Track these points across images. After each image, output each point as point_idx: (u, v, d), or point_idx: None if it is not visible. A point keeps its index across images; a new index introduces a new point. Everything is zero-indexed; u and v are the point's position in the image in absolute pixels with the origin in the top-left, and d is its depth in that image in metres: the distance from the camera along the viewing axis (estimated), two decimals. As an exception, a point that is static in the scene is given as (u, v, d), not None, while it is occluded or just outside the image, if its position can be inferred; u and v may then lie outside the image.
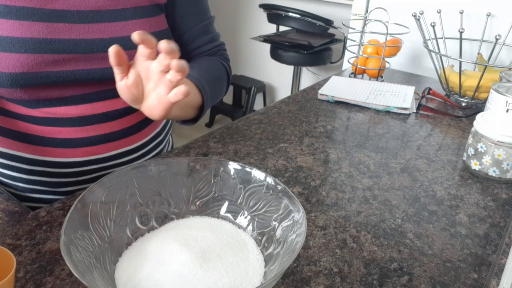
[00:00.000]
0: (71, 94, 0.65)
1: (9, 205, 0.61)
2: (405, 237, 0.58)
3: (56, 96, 0.64)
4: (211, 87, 0.73)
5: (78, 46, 0.62)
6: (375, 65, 1.19)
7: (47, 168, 0.69)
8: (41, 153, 0.68)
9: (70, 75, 0.62)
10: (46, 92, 0.63)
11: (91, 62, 0.64)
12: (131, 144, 0.74)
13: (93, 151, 0.70)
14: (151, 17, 0.69)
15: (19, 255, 0.50)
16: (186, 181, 0.56)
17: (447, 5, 1.22)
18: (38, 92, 0.62)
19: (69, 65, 0.62)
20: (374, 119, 0.96)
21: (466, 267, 0.53)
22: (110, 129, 0.70)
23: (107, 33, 0.64)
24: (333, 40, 2.42)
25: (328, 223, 0.60)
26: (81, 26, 0.62)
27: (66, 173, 0.70)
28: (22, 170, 0.69)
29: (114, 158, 0.73)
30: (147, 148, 0.79)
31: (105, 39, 0.64)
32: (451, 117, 0.99)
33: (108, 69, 0.65)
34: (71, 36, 0.61)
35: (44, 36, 0.59)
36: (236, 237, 0.52)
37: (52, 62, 0.60)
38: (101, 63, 0.64)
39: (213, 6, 3.11)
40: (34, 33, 0.59)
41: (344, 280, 0.50)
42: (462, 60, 1.01)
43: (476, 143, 0.73)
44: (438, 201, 0.67)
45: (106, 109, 0.69)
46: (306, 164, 0.75)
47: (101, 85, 0.66)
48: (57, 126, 0.67)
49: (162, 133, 0.84)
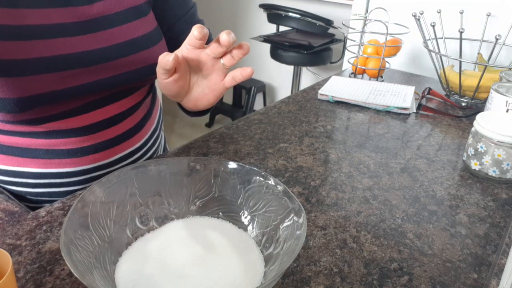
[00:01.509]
0: (75, 106, 0.64)
1: (9, 205, 0.61)
2: (405, 237, 0.58)
3: (60, 111, 0.62)
4: None
5: (79, 60, 0.60)
6: (375, 65, 1.19)
7: (55, 180, 0.68)
8: (47, 166, 0.66)
9: (75, 91, 0.61)
10: (51, 109, 0.61)
11: (95, 73, 0.62)
12: (135, 144, 0.74)
13: (100, 157, 0.69)
14: (144, 16, 0.68)
15: (19, 255, 0.50)
16: (186, 181, 0.56)
17: (447, 5, 1.22)
18: (43, 111, 0.60)
19: (73, 81, 0.60)
20: (374, 119, 0.96)
21: (466, 267, 0.53)
22: (115, 133, 0.70)
23: (106, 42, 0.63)
24: (333, 40, 2.42)
25: (328, 223, 0.60)
26: (78, 39, 0.60)
27: (74, 181, 0.69)
28: (28, 185, 0.67)
29: (121, 161, 0.73)
30: (148, 145, 0.79)
31: (105, 48, 0.62)
32: (451, 117, 1.00)
33: (112, 77, 0.64)
34: (72, 51, 0.60)
35: (44, 54, 0.57)
36: (236, 237, 0.52)
37: (57, 80, 0.58)
38: (105, 73, 0.63)
39: (213, 6, 3.12)
40: (34, 52, 0.56)
41: (344, 280, 0.50)
42: (462, 60, 1.01)
43: (476, 143, 0.73)
44: (438, 201, 0.67)
45: (109, 114, 0.68)
46: (306, 164, 0.75)
47: (102, 93, 0.66)
48: (63, 138, 0.65)
49: (158, 128, 0.84)
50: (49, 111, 0.61)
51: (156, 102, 0.85)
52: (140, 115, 0.75)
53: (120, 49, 0.64)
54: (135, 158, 0.76)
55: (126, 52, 0.64)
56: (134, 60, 0.66)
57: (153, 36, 0.69)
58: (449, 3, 1.22)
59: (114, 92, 0.68)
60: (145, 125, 0.77)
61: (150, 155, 0.80)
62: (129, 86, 0.69)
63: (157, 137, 0.84)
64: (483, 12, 1.18)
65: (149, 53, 0.68)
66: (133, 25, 0.66)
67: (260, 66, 3.11)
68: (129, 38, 0.65)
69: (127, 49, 0.65)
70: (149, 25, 0.69)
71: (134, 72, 0.66)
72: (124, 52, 0.64)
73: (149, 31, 0.68)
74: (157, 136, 0.84)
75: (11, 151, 0.65)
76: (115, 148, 0.71)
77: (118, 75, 0.65)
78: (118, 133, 0.71)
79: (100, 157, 0.69)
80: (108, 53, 0.63)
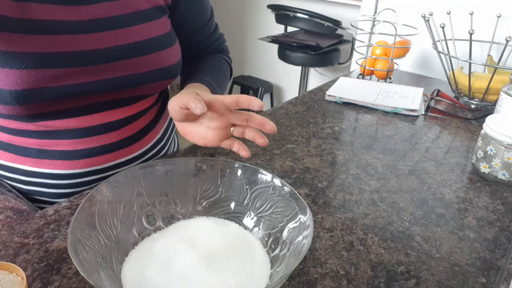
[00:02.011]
0: (70, 106, 0.63)
1: (17, 203, 0.62)
2: (413, 240, 0.57)
3: (55, 109, 0.62)
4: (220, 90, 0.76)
5: (79, 58, 0.60)
6: (383, 66, 1.18)
7: (46, 180, 0.67)
8: (39, 165, 0.66)
9: (71, 89, 0.60)
10: (46, 107, 0.60)
11: (92, 74, 0.61)
12: (130, 154, 0.73)
13: (92, 162, 0.68)
14: (151, 21, 0.67)
15: (27, 254, 0.51)
16: (193, 181, 0.56)
17: (456, 6, 1.21)
18: (38, 108, 0.60)
19: (71, 79, 0.59)
20: (382, 120, 0.96)
21: (474, 271, 0.53)
22: (109, 140, 0.68)
23: (108, 42, 0.62)
24: (341, 41, 2.41)
25: (335, 225, 0.60)
26: (81, 37, 0.60)
27: (64, 184, 0.68)
28: (21, 182, 0.68)
29: (113, 168, 0.71)
30: (148, 156, 0.77)
31: (105, 49, 0.62)
32: (460, 119, 0.99)
33: (110, 80, 0.63)
34: (72, 49, 0.59)
35: (44, 50, 0.57)
36: (242, 238, 0.52)
37: (53, 77, 0.58)
38: (102, 75, 0.62)
39: (221, 6, 3.12)
40: (34, 47, 0.56)
41: (351, 282, 0.50)
42: (471, 62, 1.00)
43: (485, 146, 0.72)
44: (447, 204, 0.66)
45: (105, 120, 0.67)
46: (313, 166, 0.74)
47: (100, 96, 0.64)
48: (55, 138, 0.65)
49: (164, 138, 0.82)
50: (43, 108, 0.61)
51: (164, 115, 0.83)
52: (138, 127, 0.73)
53: (121, 51, 0.63)
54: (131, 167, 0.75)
55: (126, 55, 0.64)
56: (134, 63, 0.65)
57: (160, 41, 0.68)
58: (459, 4, 1.21)
59: (113, 99, 0.67)
60: (144, 137, 0.75)
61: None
62: (128, 93, 0.68)
63: (162, 148, 0.81)
64: (493, 14, 1.17)
65: (152, 58, 0.67)
66: (137, 29, 0.65)
67: (267, 66, 3.10)
68: (132, 41, 0.64)
69: (128, 52, 0.64)
70: (156, 31, 0.68)
71: (133, 76, 0.65)
72: (124, 55, 0.64)
73: (155, 36, 0.67)
74: (162, 147, 0.81)
75: (3, 147, 0.66)
76: (108, 155, 0.69)
77: (117, 77, 0.64)
78: (112, 140, 0.69)
79: (92, 162, 0.68)
80: (108, 54, 0.62)
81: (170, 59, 0.69)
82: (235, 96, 0.56)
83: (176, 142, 0.92)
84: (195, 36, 0.81)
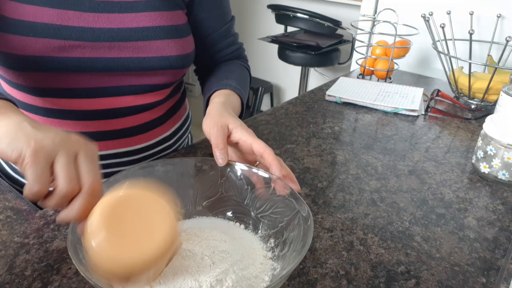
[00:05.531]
0: (75, 86, 0.65)
1: (18, 203, 0.62)
2: (413, 240, 0.57)
3: (60, 86, 0.65)
4: (245, 94, 0.76)
5: (86, 34, 0.62)
6: (383, 66, 1.18)
7: None
8: None
9: (75, 62, 0.63)
10: (51, 79, 0.63)
11: (97, 50, 0.64)
12: (132, 145, 0.73)
13: None
14: (164, 11, 0.68)
15: (27, 253, 0.51)
16: (193, 181, 0.56)
17: (456, 6, 1.21)
18: (43, 79, 0.63)
19: (75, 51, 0.62)
20: (382, 120, 0.96)
21: (474, 271, 0.53)
22: (111, 127, 0.70)
23: (116, 23, 0.64)
24: (341, 41, 2.41)
25: (335, 225, 0.60)
26: (90, 15, 0.63)
27: None
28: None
29: (112, 157, 0.72)
30: (151, 152, 0.77)
31: (113, 29, 0.64)
32: (460, 119, 0.99)
33: (113, 60, 0.65)
34: (80, 24, 0.62)
35: (54, 22, 0.60)
36: (242, 238, 0.52)
37: (59, 48, 0.61)
38: (107, 53, 0.64)
39: (221, 6, 3.11)
40: (45, 18, 0.60)
41: (351, 282, 0.50)
42: (471, 62, 1.00)
43: (485, 146, 0.72)
44: (447, 204, 0.66)
45: (109, 105, 0.69)
46: (313, 166, 0.74)
47: (105, 80, 0.66)
48: (59, 118, 0.67)
49: (172, 138, 0.81)
50: (48, 82, 0.63)
51: (177, 116, 0.82)
52: (143, 119, 0.73)
53: (128, 33, 0.65)
54: (131, 159, 0.74)
55: (132, 37, 0.65)
56: (139, 47, 0.66)
57: (169, 31, 0.68)
58: (459, 4, 1.21)
59: (118, 85, 0.67)
60: (149, 131, 0.75)
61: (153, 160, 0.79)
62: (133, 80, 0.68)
63: (169, 147, 0.81)
64: (493, 14, 1.17)
65: (158, 44, 0.67)
66: (148, 15, 0.66)
67: (267, 66, 3.10)
68: (139, 25, 0.65)
69: (134, 35, 0.65)
70: (166, 21, 0.68)
71: (137, 59, 0.66)
72: (130, 37, 0.65)
73: (164, 25, 0.67)
74: (168, 146, 0.81)
75: None
76: (109, 142, 0.70)
77: (120, 58, 0.65)
78: (115, 127, 0.70)
79: None
80: (115, 34, 0.64)
81: (176, 49, 0.69)
82: (263, 148, 0.55)
83: (189, 141, 0.92)
84: (212, 36, 0.80)
